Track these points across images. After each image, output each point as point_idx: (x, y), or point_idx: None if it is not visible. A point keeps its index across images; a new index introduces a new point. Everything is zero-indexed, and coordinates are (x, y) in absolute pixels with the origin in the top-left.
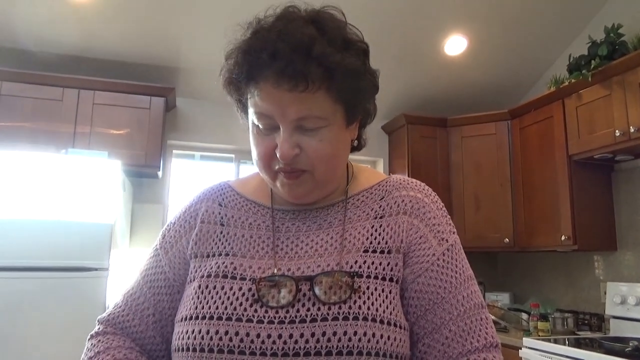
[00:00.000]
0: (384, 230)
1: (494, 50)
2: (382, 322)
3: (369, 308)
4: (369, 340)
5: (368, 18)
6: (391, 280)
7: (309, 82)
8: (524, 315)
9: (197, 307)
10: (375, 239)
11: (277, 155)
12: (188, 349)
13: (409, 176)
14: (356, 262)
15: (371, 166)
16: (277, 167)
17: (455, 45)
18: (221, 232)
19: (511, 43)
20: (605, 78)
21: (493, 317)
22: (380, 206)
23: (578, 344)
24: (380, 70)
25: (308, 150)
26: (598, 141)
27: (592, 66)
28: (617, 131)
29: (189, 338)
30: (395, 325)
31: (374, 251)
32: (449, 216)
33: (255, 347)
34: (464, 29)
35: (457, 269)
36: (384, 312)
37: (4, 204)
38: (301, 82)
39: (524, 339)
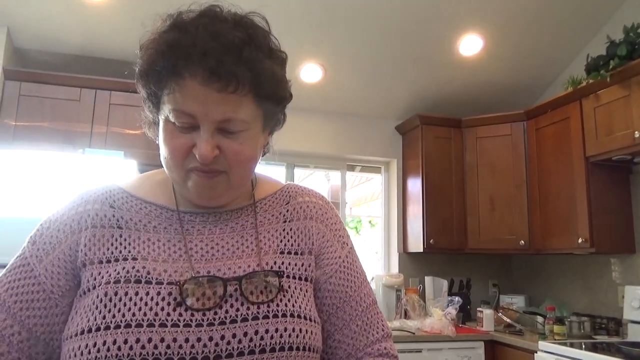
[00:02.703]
0: (294, 234)
1: (509, 50)
2: (305, 318)
3: (293, 305)
4: (297, 336)
5: (382, 18)
6: (307, 279)
7: (240, 84)
8: (539, 319)
9: (105, 317)
10: (288, 241)
11: (196, 155)
12: None
13: (423, 177)
14: (275, 262)
15: (384, 167)
16: (190, 165)
17: (470, 45)
18: (120, 236)
19: (527, 43)
20: (624, 78)
21: (508, 320)
22: (288, 210)
23: (595, 348)
24: (394, 70)
25: (228, 152)
26: (617, 142)
27: (611, 66)
28: (636, 132)
29: (99, 351)
30: (314, 321)
31: (289, 252)
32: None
33: (185, 353)
34: (479, 28)
35: (358, 270)
36: (305, 308)
37: (23, 202)
38: (232, 83)
39: (539, 342)
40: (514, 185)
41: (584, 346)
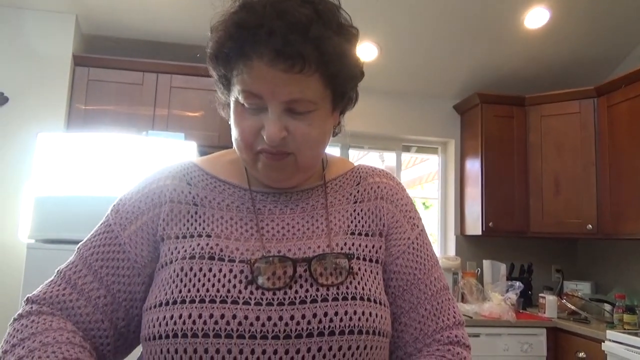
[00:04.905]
0: (365, 214)
1: (579, 22)
2: (375, 301)
3: (363, 288)
4: (367, 320)
5: None
6: (377, 261)
7: (306, 64)
8: (607, 307)
9: (181, 291)
10: (359, 222)
11: (264, 137)
12: (176, 336)
13: (482, 158)
14: (345, 244)
15: (441, 148)
16: (259, 147)
17: (536, 17)
18: (196, 213)
19: (599, 13)
20: None
21: (572, 307)
22: (358, 191)
23: None
24: (453, 46)
25: (296, 133)
26: None
27: None
28: None
29: (175, 324)
30: (383, 304)
31: (359, 234)
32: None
33: (256, 330)
34: None
35: (428, 253)
36: (375, 291)
37: (90, 181)
38: (298, 63)
39: (607, 331)
40: (582, 166)
41: None
